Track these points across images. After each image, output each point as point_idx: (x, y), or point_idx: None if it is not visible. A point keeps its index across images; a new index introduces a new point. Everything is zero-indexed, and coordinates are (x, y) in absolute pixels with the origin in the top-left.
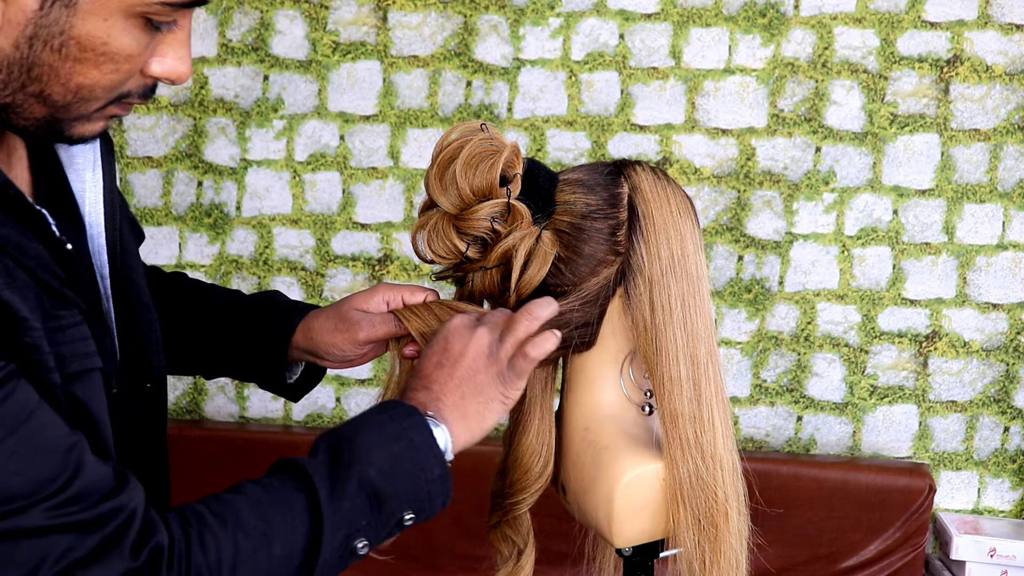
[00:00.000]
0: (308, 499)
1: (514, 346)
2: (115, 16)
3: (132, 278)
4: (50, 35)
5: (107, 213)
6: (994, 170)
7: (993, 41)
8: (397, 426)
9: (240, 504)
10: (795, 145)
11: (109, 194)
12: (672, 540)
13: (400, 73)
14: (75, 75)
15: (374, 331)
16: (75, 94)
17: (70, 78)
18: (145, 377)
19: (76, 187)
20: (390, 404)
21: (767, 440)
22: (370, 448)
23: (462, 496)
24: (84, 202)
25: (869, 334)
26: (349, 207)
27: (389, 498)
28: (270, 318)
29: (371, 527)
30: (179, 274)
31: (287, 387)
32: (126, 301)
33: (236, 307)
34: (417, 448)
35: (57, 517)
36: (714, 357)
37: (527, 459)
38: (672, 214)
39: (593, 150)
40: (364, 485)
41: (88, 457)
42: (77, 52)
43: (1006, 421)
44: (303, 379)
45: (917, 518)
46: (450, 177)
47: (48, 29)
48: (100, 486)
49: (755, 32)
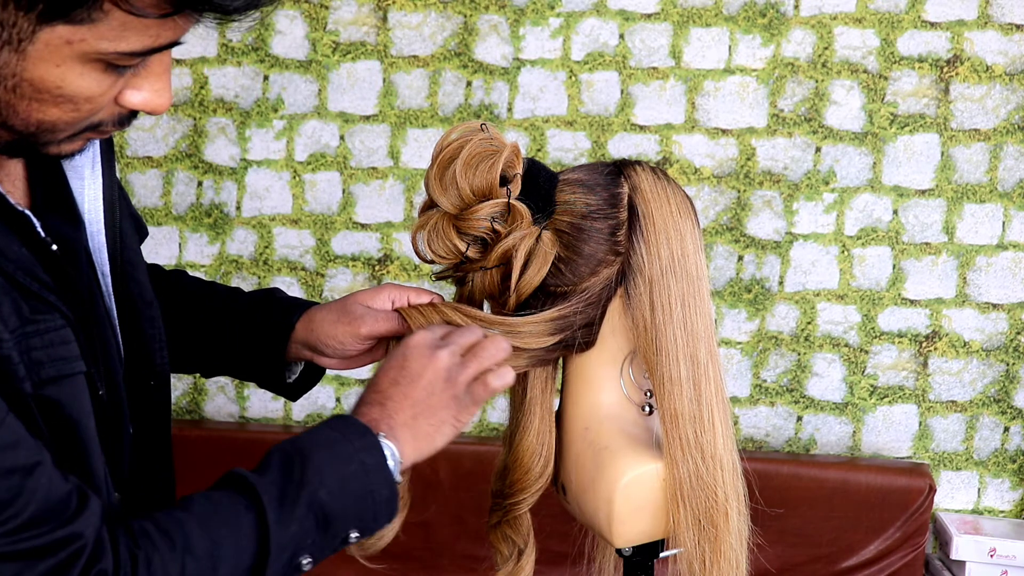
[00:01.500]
0: (257, 520)
1: (476, 372)
2: (69, 62)
3: (134, 275)
4: (3, 76)
5: (107, 210)
6: (994, 170)
7: (993, 41)
8: (350, 447)
9: (189, 524)
10: (795, 145)
11: (109, 191)
12: (672, 540)
13: (400, 73)
14: (33, 112)
15: (376, 326)
16: (37, 127)
17: (29, 115)
18: (148, 374)
19: (74, 184)
20: (344, 421)
21: (767, 440)
22: (322, 468)
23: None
24: (83, 199)
25: (869, 334)
26: (349, 207)
27: (337, 519)
28: (270, 314)
29: (316, 545)
30: (179, 272)
31: (286, 386)
32: (128, 298)
33: (236, 304)
34: (368, 471)
35: (9, 544)
36: (714, 357)
37: (527, 459)
38: (672, 214)
39: (593, 150)
40: (313, 507)
41: (46, 479)
42: (32, 93)
43: (1006, 421)
44: (302, 378)
45: (917, 518)
46: (450, 177)
47: (0, 71)
48: (58, 510)
49: (755, 32)
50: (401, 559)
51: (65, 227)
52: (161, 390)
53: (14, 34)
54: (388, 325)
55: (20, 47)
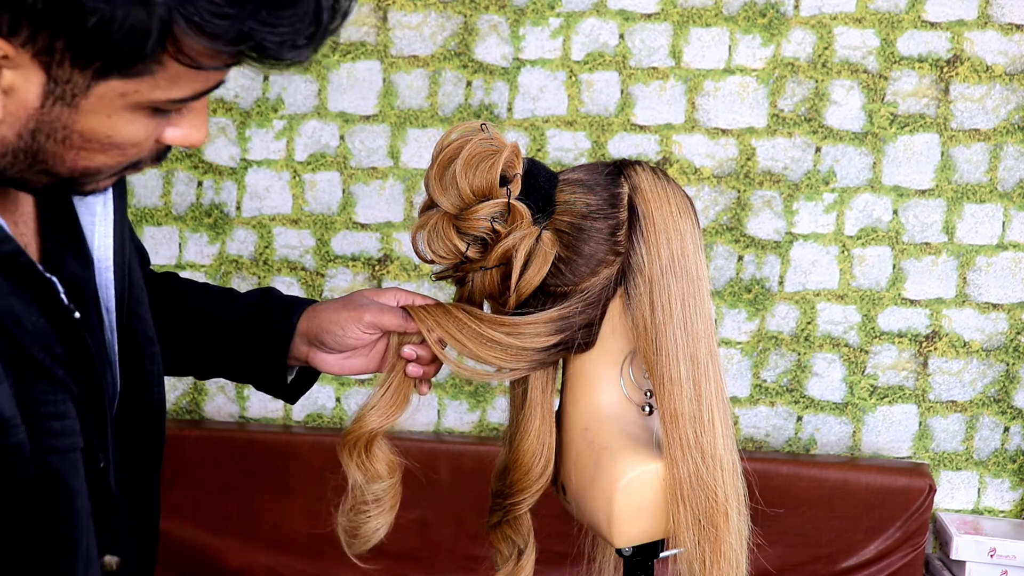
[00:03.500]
0: None
1: None
2: (120, 112)
3: (138, 311)
4: (52, 129)
5: (116, 247)
6: (994, 170)
7: (993, 41)
8: None
9: None
10: (795, 145)
11: (119, 226)
12: (672, 540)
13: (400, 73)
14: (80, 160)
15: (380, 316)
16: (82, 173)
17: (75, 163)
18: (144, 410)
19: (85, 221)
20: None
21: (767, 440)
22: None
23: (462, 496)
24: (93, 236)
25: (869, 334)
26: (349, 207)
27: None
28: (269, 315)
29: None
30: (170, 274)
31: (286, 387)
32: (131, 335)
33: (233, 306)
34: None
35: None
36: (714, 357)
37: (528, 460)
38: (672, 214)
39: (593, 150)
40: None
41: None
42: (81, 143)
43: (1006, 421)
44: (300, 379)
45: (917, 518)
46: (450, 177)
47: (50, 124)
48: None
49: (755, 32)
50: (400, 559)
51: (76, 266)
52: (156, 426)
53: (68, 90)
54: (392, 318)
55: (73, 102)
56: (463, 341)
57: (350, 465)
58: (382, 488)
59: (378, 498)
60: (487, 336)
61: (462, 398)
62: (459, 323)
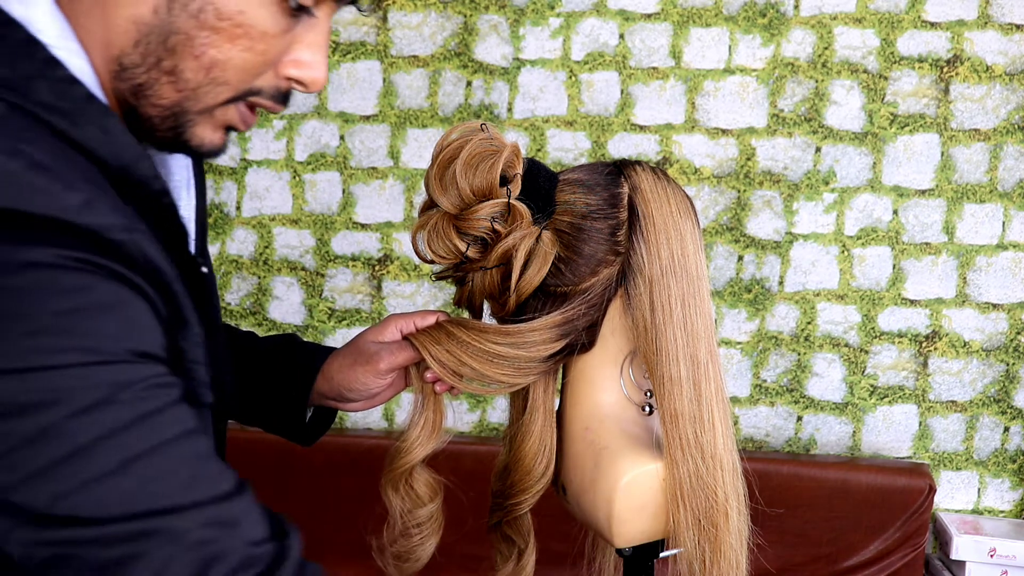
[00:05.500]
0: None
1: None
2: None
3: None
4: (186, 1)
5: (198, 232)
6: (994, 170)
7: (993, 41)
8: None
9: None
10: (795, 145)
11: (201, 213)
12: (672, 540)
13: (400, 73)
14: (209, 47)
15: (394, 359)
16: (208, 72)
17: (204, 51)
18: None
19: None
20: None
21: (767, 440)
22: None
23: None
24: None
25: (869, 334)
26: (349, 207)
27: None
28: (289, 363)
29: None
30: None
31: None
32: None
33: (253, 351)
34: None
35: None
36: (714, 357)
37: (528, 460)
38: (672, 214)
39: (593, 150)
40: None
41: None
42: (214, 20)
43: (1006, 421)
44: (316, 422)
45: (917, 518)
46: (450, 177)
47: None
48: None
49: (755, 32)
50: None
51: None
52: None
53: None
54: (404, 355)
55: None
56: (470, 363)
57: (395, 498)
58: (426, 512)
59: (421, 522)
60: (492, 352)
61: (462, 398)
62: (462, 344)
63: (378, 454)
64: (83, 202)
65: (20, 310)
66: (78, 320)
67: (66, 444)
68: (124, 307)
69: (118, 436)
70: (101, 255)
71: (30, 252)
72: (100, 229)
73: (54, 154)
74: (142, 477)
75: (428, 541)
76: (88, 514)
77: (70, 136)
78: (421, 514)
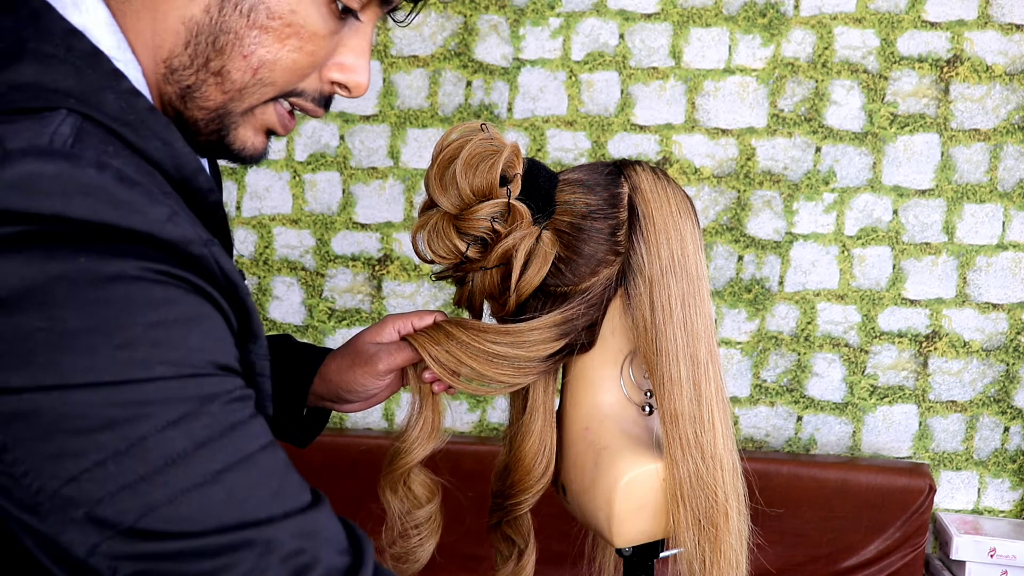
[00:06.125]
0: None
1: None
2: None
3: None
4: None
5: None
6: (994, 170)
7: (993, 41)
8: None
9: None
10: (795, 145)
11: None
12: (672, 540)
13: (400, 73)
14: (259, 47)
15: (392, 360)
16: (255, 72)
17: (254, 50)
18: None
19: None
20: None
21: (767, 440)
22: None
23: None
24: None
25: (869, 334)
26: (349, 207)
27: None
28: (285, 365)
29: None
30: None
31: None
32: None
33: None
34: None
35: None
36: (714, 357)
37: (529, 461)
38: (672, 214)
39: (593, 150)
40: None
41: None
42: (265, 19)
43: (1006, 421)
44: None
45: (917, 518)
46: (450, 177)
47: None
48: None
49: (755, 32)
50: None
51: None
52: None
53: None
54: (402, 356)
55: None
56: (469, 363)
57: (393, 499)
58: (425, 513)
59: (420, 523)
60: (492, 352)
61: (462, 398)
62: (461, 344)
63: (378, 455)
64: (167, 216)
65: (109, 323)
66: (165, 333)
67: (156, 457)
68: (206, 320)
69: (207, 448)
70: (183, 268)
71: (118, 264)
72: (182, 242)
73: (137, 167)
74: (232, 489)
75: (427, 542)
76: (178, 528)
77: (138, 147)
78: (419, 515)
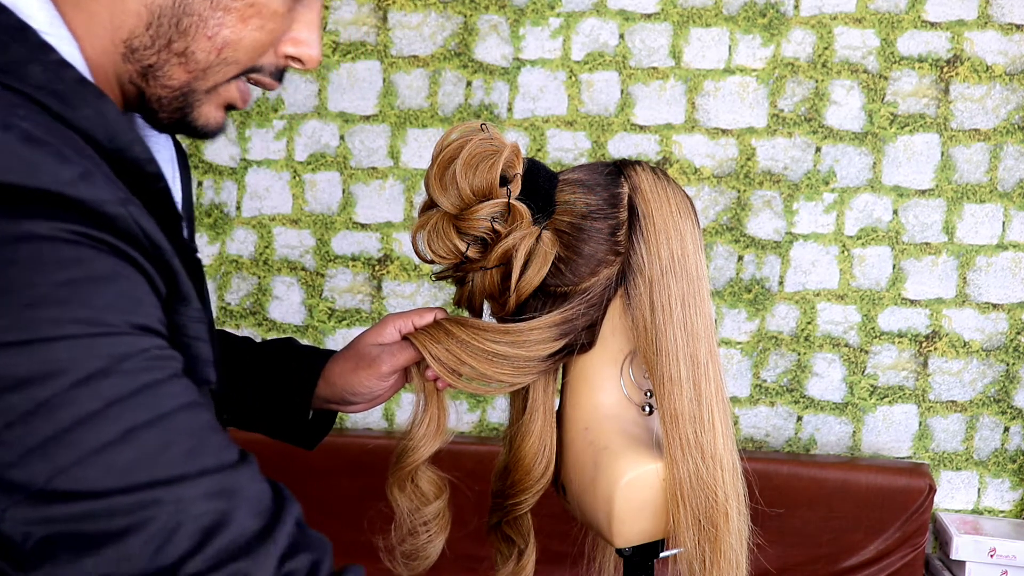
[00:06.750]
0: None
1: None
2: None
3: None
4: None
5: (186, 215)
6: (994, 170)
7: (993, 41)
8: None
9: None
10: (795, 145)
11: (187, 191)
12: (672, 540)
13: (400, 73)
14: (222, 27)
15: (395, 360)
16: (219, 53)
17: (217, 31)
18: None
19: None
20: None
21: (767, 440)
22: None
23: (462, 496)
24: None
25: (869, 334)
26: (349, 207)
27: None
28: (289, 369)
29: None
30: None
31: (305, 436)
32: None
33: (251, 356)
34: None
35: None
36: (714, 357)
37: (529, 460)
38: (672, 214)
39: (593, 150)
40: None
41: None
42: (228, 0)
43: (1006, 421)
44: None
45: (917, 518)
46: (450, 177)
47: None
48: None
49: (755, 32)
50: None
51: None
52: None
53: None
54: (405, 356)
55: None
56: (469, 362)
57: (401, 497)
58: (433, 510)
59: (428, 520)
60: (491, 351)
61: (462, 398)
62: (461, 342)
63: (379, 455)
64: (78, 175)
65: (17, 283)
66: (76, 292)
67: (65, 416)
68: (122, 280)
69: (118, 407)
70: (97, 228)
71: (26, 225)
72: (95, 202)
73: (48, 128)
74: (143, 448)
75: (436, 539)
76: (88, 487)
77: (65, 117)
78: (428, 512)
